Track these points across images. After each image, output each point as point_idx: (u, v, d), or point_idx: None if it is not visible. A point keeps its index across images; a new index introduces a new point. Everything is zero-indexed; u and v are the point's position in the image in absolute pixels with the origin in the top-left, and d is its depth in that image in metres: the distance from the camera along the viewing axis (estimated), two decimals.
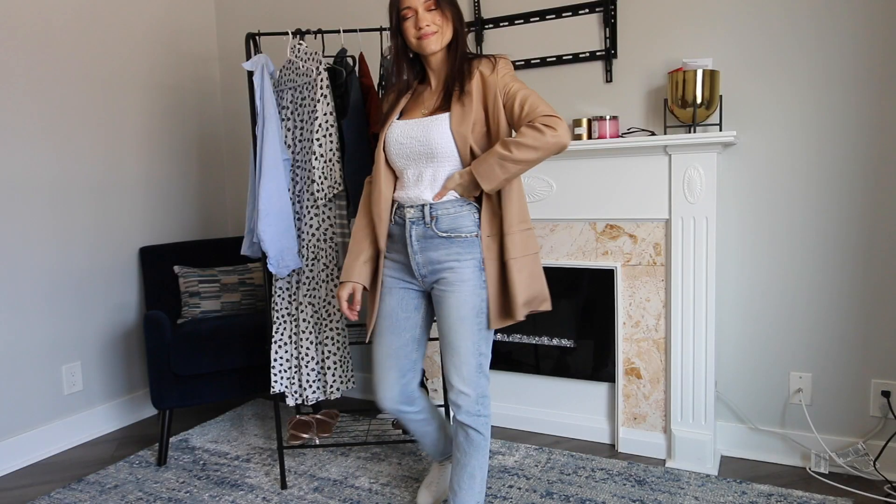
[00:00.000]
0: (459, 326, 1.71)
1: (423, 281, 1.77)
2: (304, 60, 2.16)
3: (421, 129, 1.68)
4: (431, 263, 1.73)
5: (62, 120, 2.74)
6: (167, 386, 2.50)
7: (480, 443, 1.79)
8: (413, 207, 1.72)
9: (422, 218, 1.71)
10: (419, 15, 1.63)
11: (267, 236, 2.11)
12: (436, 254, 1.71)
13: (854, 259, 2.24)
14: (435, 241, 1.71)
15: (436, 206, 1.69)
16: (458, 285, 1.70)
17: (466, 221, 1.70)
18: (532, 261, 1.72)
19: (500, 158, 1.57)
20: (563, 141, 1.56)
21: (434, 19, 1.63)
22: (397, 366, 1.82)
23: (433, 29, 1.63)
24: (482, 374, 1.75)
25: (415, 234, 1.72)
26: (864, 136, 2.19)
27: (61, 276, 2.75)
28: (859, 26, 2.16)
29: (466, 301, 1.70)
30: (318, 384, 2.24)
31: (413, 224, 1.72)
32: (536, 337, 2.70)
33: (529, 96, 1.61)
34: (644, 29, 2.48)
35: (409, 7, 1.63)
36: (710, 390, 2.34)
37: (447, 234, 1.69)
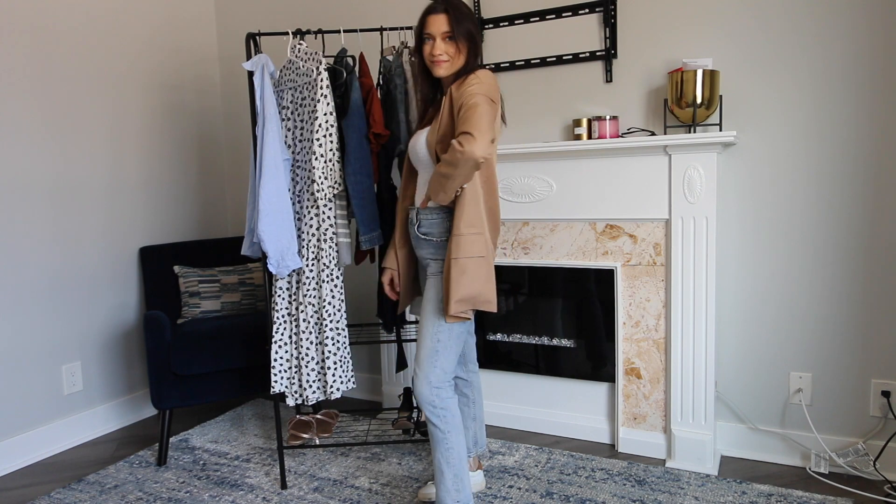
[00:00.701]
0: (424, 312, 1.89)
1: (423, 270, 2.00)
2: (305, 60, 2.16)
3: (414, 140, 1.94)
4: (422, 258, 1.97)
5: (62, 120, 2.74)
6: (167, 386, 2.50)
7: (437, 435, 1.84)
8: (412, 209, 1.96)
9: (412, 220, 1.95)
10: (436, 42, 1.81)
11: (267, 236, 2.11)
12: (421, 251, 1.96)
13: (854, 259, 2.24)
14: (419, 241, 1.94)
15: (420, 210, 1.91)
16: (431, 278, 1.90)
17: (436, 228, 1.89)
18: (475, 263, 1.79)
19: (437, 175, 1.76)
20: (471, 156, 1.65)
21: (448, 49, 1.81)
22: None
23: (444, 58, 1.82)
24: (436, 365, 1.83)
25: (410, 233, 1.98)
26: (864, 136, 2.19)
27: (61, 276, 2.75)
28: (859, 26, 2.16)
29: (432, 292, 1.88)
30: (319, 384, 2.24)
31: (410, 224, 1.98)
32: (536, 337, 2.70)
33: (469, 110, 1.69)
34: (644, 29, 2.48)
35: (429, 33, 1.82)
36: (710, 390, 2.34)
37: (424, 236, 1.91)
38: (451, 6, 1.81)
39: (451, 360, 1.85)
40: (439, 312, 1.84)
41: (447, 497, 1.84)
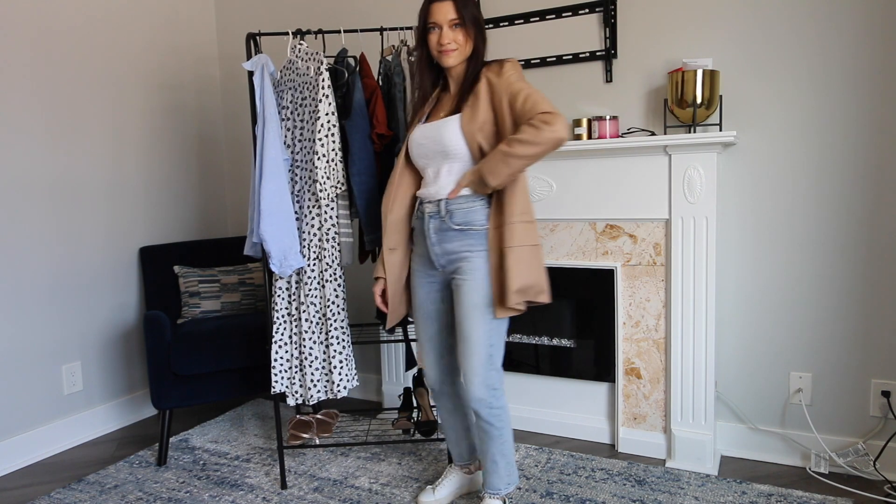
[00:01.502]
0: (471, 314, 1.80)
1: (443, 271, 1.89)
2: (305, 60, 2.16)
3: (436, 130, 1.81)
4: (448, 254, 1.85)
5: (63, 120, 2.74)
6: (167, 386, 2.50)
7: (493, 433, 1.87)
8: (431, 203, 1.85)
9: (438, 212, 1.83)
10: (443, 31, 1.74)
11: (269, 236, 2.11)
12: (451, 245, 1.83)
13: (854, 259, 2.25)
14: (450, 234, 1.82)
15: (450, 201, 1.81)
16: (471, 274, 1.79)
17: (479, 216, 1.80)
18: (530, 251, 1.76)
19: (503, 155, 1.67)
20: (560, 136, 1.63)
21: (456, 37, 1.75)
22: (435, 349, 1.98)
23: (453, 46, 1.75)
24: (492, 366, 1.83)
25: (432, 227, 1.84)
26: (865, 135, 2.19)
27: (61, 277, 2.75)
28: (859, 26, 2.16)
29: (478, 289, 1.79)
30: (323, 384, 2.24)
31: (431, 218, 1.85)
32: (536, 337, 2.70)
33: (531, 95, 1.69)
34: (644, 29, 2.48)
35: (434, 22, 1.75)
36: (710, 390, 2.34)
37: (460, 226, 1.80)
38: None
39: (502, 357, 1.87)
40: (487, 311, 1.78)
41: (500, 483, 1.94)
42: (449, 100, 1.87)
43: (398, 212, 1.93)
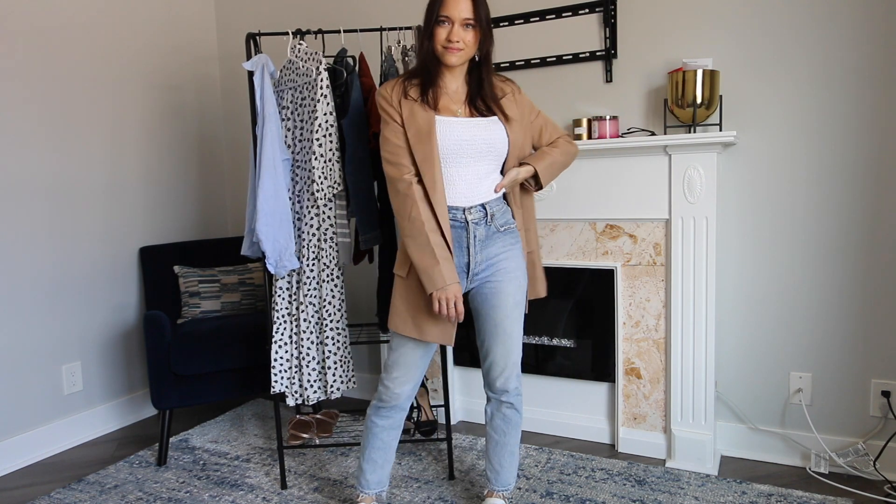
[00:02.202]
0: (514, 311, 1.82)
1: (472, 279, 1.81)
2: (305, 60, 2.16)
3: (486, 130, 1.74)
4: (488, 259, 1.80)
5: (62, 120, 2.74)
6: (167, 386, 2.50)
7: (517, 420, 1.94)
8: (473, 208, 1.75)
9: (484, 218, 1.77)
10: (454, 28, 1.66)
11: (265, 236, 2.11)
12: (493, 248, 1.80)
13: (854, 259, 2.24)
14: (494, 237, 1.79)
15: (491, 204, 1.78)
16: (513, 273, 1.81)
17: (509, 214, 1.84)
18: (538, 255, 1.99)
19: (552, 159, 1.82)
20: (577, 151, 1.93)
21: (466, 37, 1.68)
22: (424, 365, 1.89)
23: (461, 46, 1.68)
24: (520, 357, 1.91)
25: (477, 235, 1.76)
26: (865, 135, 2.19)
27: (61, 276, 2.75)
28: (859, 26, 2.16)
29: (521, 287, 1.84)
30: (319, 384, 2.24)
31: (476, 225, 1.76)
32: (536, 337, 2.70)
33: (549, 120, 1.93)
34: (644, 29, 2.48)
35: (447, 16, 1.66)
36: (710, 390, 2.34)
37: (503, 227, 1.81)
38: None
39: None
40: (524, 307, 1.87)
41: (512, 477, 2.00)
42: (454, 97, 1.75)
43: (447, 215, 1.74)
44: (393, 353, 1.85)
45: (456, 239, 1.75)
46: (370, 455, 1.96)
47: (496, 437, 1.95)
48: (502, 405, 1.91)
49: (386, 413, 1.92)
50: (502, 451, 1.96)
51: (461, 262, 1.77)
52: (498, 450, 1.96)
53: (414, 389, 1.90)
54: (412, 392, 1.90)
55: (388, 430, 1.94)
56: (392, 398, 1.88)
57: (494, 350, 1.85)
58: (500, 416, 1.93)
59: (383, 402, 1.90)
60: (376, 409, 1.92)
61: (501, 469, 1.97)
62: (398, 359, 1.84)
